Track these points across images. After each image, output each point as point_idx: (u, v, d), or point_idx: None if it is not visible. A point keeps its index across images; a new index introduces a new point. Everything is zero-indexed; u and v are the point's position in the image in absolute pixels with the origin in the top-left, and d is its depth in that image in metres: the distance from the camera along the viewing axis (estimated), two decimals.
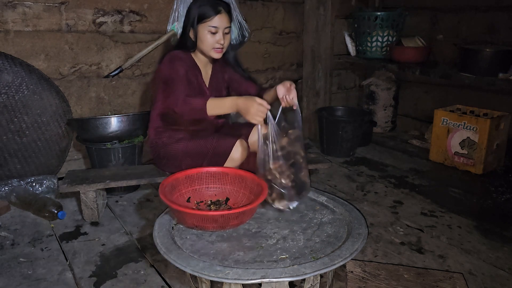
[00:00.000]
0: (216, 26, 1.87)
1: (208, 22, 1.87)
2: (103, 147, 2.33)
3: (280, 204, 1.62)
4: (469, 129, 2.76)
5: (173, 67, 1.88)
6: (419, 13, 3.39)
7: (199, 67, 2.02)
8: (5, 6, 2.26)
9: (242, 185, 1.65)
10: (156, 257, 1.81)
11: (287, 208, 1.61)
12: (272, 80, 3.36)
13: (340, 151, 3.09)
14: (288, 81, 1.80)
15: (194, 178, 1.65)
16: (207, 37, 1.89)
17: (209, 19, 1.87)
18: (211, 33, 1.89)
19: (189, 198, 1.62)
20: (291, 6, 3.31)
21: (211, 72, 2.08)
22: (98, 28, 2.53)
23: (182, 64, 1.90)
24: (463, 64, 2.72)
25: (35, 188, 2.35)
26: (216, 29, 1.88)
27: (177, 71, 1.86)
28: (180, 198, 1.59)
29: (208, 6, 1.87)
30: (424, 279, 1.66)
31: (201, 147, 1.93)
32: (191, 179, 1.65)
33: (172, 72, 1.86)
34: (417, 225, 2.13)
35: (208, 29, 1.88)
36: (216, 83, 2.09)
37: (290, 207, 1.62)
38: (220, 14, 1.87)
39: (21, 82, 2.31)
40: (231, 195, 1.65)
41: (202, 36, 1.90)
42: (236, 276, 1.21)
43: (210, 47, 1.91)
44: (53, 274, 1.71)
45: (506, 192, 2.50)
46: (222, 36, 1.90)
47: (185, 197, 1.61)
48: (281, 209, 1.61)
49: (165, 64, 1.91)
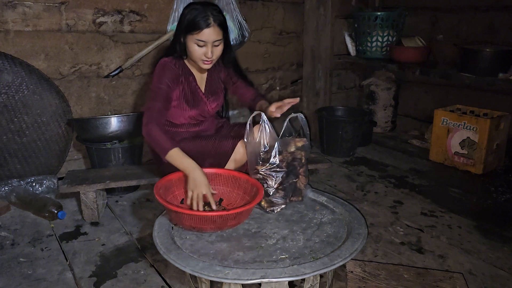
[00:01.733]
0: (203, 40, 1.77)
1: (196, 35, 1.77)
2: (103, 147, 2.33)
3: (265, 205, 1.63)
4: (469, 129, 2.76)
5: (158, 80, 1.82)
6: (419, 13, 3.39)
7: (193, 72, 1.96)
8: (5, 6, 2.26)
9: (235, 185, 1.64)
10: (156, 257, 1.81)
11: (270, 211, 1.62)
12: (272, 80, 3.36)
13: (340, 151, 3.09)
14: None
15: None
16: (195, 48, 1.81)
17: (196, 32, 1.76)
18: (198, 46, 1.80)
19: (183, 199, 1.61)
20: (291, 6, 3.30)
21: (206, 76, 2.03)
22: (98, 28, 2.53)
23: (168, 76, 1.84)
24: (463, 64, 2.72)
25: (35, 188, 2.35)
26: (204, 43, 1.78)
27: (159, 85, 1.81)
28: (173, 200, 1.58)
29: (198, 17, 1.76)
30: (424, 279, 1.66)
31: (202, 148, 1.92)
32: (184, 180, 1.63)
33: (155, 86, 1.81)
34: (417, 225, 2.13)
35: (195, 42, 1.79)
36: (212, 87, 2.03)
37: (274, 210, 1.62)
38: (209, 27, 1.76)
39: (21, 82, 2.31)
40: (225, 195, 1.65)
41: (190, 47, 1.82)
42: (236, 276, 1.21)
43: (198, 58, 1.84)
44: (53, 274, 1.71)
45: (506, 192, 2.50)
46: (210, 49, 1.79)
47: (178, 198, 1.61)
48: (265, 210, 1.62)
49: (155, 73, 1.86)
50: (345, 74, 3.74)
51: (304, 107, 3.50)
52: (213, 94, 2.04)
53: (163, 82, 1.82)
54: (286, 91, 3.48)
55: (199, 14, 1.76)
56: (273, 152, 1.61)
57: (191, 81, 1.95)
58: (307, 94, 3.47)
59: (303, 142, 1.69)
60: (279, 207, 1.63)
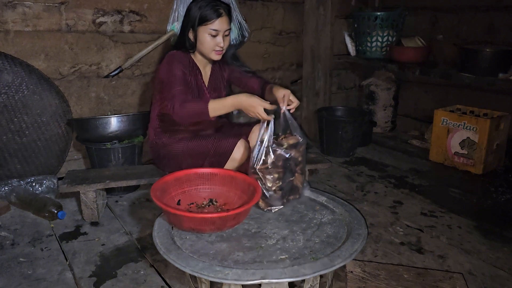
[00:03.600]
0: (216, 29, 1.87)
1: (209, 25, 1.86)
2: (103, 147, 2.33)
3: (262, 205, 1.63)
4: (469, 129, 2.76)
5: (171, 69, 1.86)
6: (419, 13, 3.38)
7: (199, 67, 2.02)
8: (5, 6, 2.26)
9: (232, 185, 1.64)
10: (156, 257, 1.81)
11: (268, 211, 1.62)
12: (272, 80, 3.36)
13: (340, 151, 3.09)
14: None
15: (183, 180, 1.64)
16: (207, 39, 1.89)
17: (210, 22, 1.85)
18: (212, 36, 1.88)
19: (179, 200, 1.61)
20: (291, 6, 3.30)
21: (210, 72, 2.08)
22: (98, 28, 2.53)
23: (180, 65, 1.89)
24: (463, 64, 2.72)
25: (35, 188, 2.35)
26: (216, 32, 1.87)
27: (174, 73, 1.85)
28: (170, 201, 1.57)
29: (209, 8, 1.85)
30: (424, 279, 1.66)
31: (202, 147, 1.93)
32: (180, 181, 1.63)
33: (170, 75, 1.85)
34: (417, 225, 2.13)
35: (208, 32, 1.87)
36: (215, 83, 2.08)
37: (272, 210, 1.62)
38: (221, 17, 1.86)
39: (21, 82, 2.31)
40: (222, 195, 1.65)
41: (202, 38, 1.90)
42: (236, 276, 1.21)
43: (211, 49, 1.91)
44: (53, 274, 1.71)
45: (506, 192, 2.50)
46: (222, 39, 1.89)
47: (175, 200, 1.60)
48: (262, 210, 1.63)
49: (164, 65, 1.90)
50: (345, 74, 3.74)
51: (304, 107, 3.50)
52: (216, 90, 2.07)
53: (178, 70, 1.86)
54: None
55: (209, 5, 1.86)
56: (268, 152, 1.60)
57: (197, 75, 2.00)
58: (307, 94, 3.46)
59: (295, 139, 1.67)
60: (277, 207, 1.63)
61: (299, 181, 1.71)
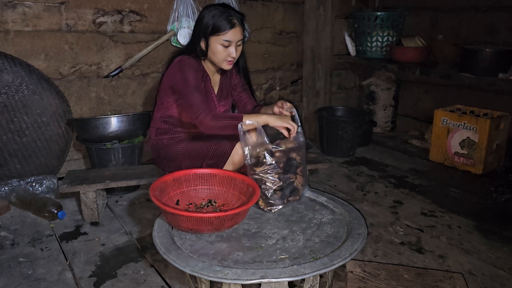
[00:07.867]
0: (229, 40, 1.83)
1: (222, 36, 1.82)
2: (103, 147, 2.33)
3: (262, 205, 1.63)
4: (469, 129, 2.76)
5: (185, 77, 1.83)
6: (419, 13, 3.38)
7: (209, 74, 1.99)
8: (5, 6, 2.26)
9: (231, 185, 1.64)
10: (156, 257, 1.81)
11: (268, 211, 1.62)
12: (272, 80, 3.36)
13: (340, 151, 3.09)
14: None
15: (182, 180, 1.63)
16: (220, 49, 1.85)
17: (223, 32, 1.81)
18: (224, 46, 1.84)
19: (178, 200, 1.61)
20: (291, 6, 3.30)
21: (219, 81, 2.07)
22: (98, 28, 2.53)
23: (194, 73, 1.86)
24: (463, 64, 2.72)
25: (35, 188, 2.35)
26: (229, 43, 1.83)
27: (188, 81, 1.82)
28: (169, 202, 1.57)
29: (223, 18, 1.81)
30: (424, 279, 1.66)
31: (201, 149, 1.93)
32: (179, 181, 1.63)
33: (185, 83, 1.82)
34: (417, 225, 2.13)
35: (221, 43, 1.83)
36: (223, 91, 2.07)
37: (272, 210, 1.62)
38: (234, 28, 1.82)
39: (21, 82, 2.31)
40: (220, 196, 1.65)
41: (214, 48, 1.86)
42: (236, 276, 1.21)
43: (223, 60, 1.88)
44: (53, 274, 1.71)
45: (506, 192, 2.50)
46: (235, 49, 1.85)
47: (174, 200, 1.60)
48: (262, 210, 1.63)
49: (176, 71, 1.87)
50: (345, 74, 3.74)
51: (304, 107, 3.50)
52: (225, 98, 2.07)
53: (192, 77, 1.84)
54: (286, 91, 3.48)
55: (222, 15, 1.81)
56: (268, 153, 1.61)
57: (207, 82, 1.98)
58: (307, 94, 3.47)
59: (295, 142, 1.68)
60: (277, 207, 1.63)
61: (300, 183, 1.71)
